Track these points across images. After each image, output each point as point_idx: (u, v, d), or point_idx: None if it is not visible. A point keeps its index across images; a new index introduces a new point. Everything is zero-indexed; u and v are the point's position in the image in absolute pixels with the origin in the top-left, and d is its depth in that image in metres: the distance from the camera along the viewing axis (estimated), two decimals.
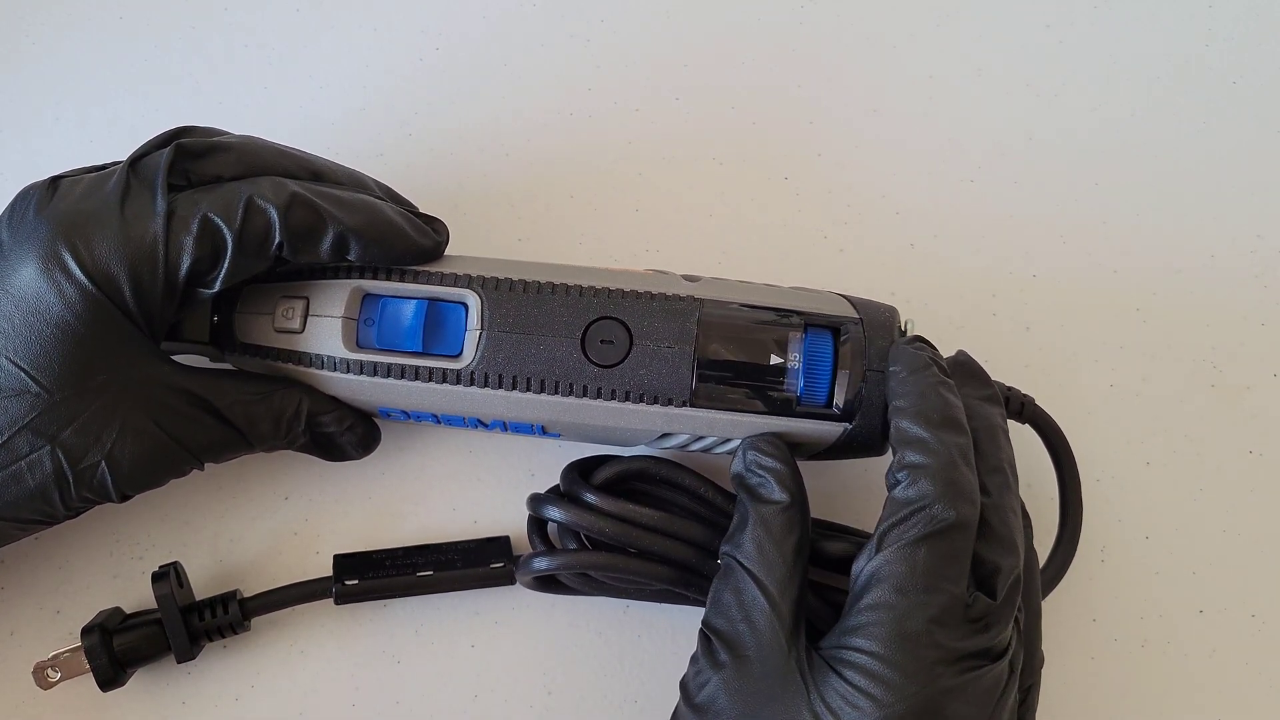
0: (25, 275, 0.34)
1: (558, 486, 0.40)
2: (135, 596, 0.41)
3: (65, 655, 0.38)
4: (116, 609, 0.40)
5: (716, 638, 0.34)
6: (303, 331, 0.37)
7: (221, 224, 0.34)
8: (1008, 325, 0.45)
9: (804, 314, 0.37)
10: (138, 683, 0.40)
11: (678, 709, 0.34)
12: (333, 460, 0.41)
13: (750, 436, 0.36)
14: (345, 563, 0.41)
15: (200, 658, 0.40)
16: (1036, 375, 0.44)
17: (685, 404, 0.36)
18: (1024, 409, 0.39)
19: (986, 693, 0.31)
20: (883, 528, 0.32)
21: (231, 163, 0.36)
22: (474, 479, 0.43)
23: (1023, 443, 0.40)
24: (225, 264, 0.35)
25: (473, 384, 0.37)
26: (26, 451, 0.34)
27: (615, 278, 0.37)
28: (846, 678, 0.31)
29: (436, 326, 0.37)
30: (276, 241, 0.35)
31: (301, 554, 0.42)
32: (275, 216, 0.35)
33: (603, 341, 0.36)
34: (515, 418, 0.37)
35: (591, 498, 0.38)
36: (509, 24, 0.49)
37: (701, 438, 0.37)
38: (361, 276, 0.37)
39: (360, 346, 0.37)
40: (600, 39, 0.49)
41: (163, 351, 0.36)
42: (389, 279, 0.37)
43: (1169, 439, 0.44)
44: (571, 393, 0.36)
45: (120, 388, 0.34)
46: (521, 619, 0.42)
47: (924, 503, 0.32)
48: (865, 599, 0.32)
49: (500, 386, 0.36)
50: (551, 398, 0.36)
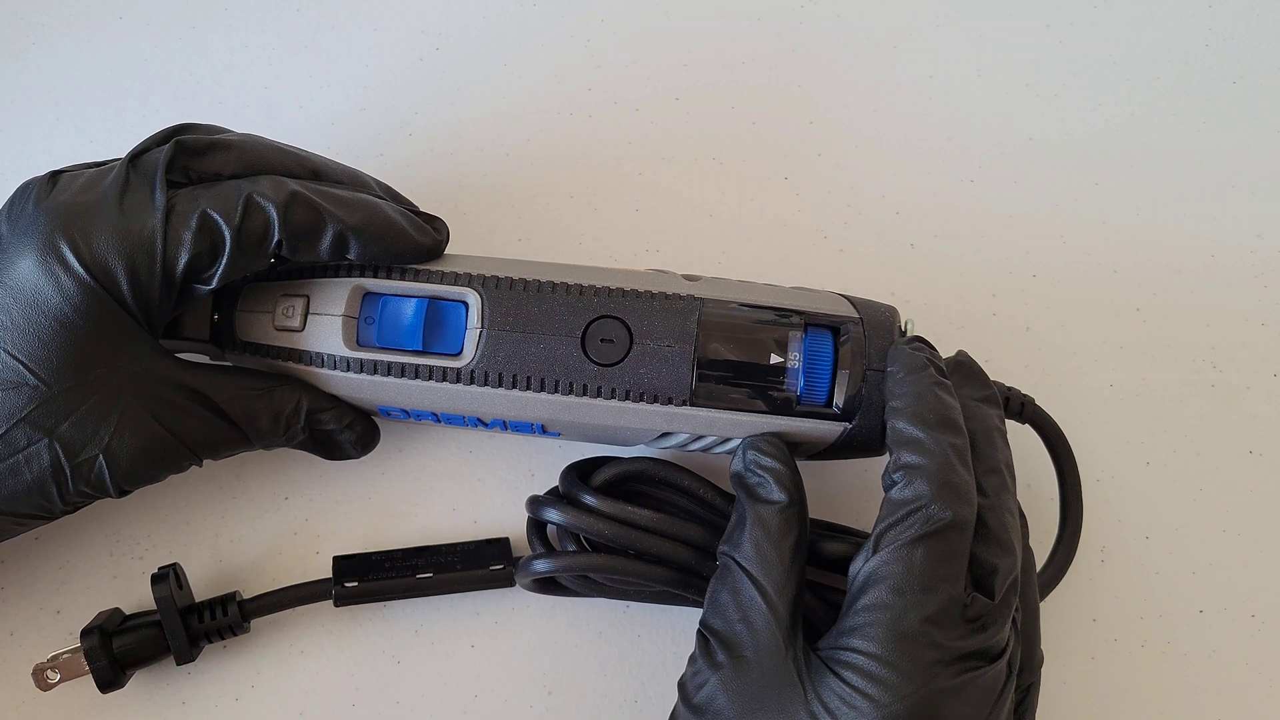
0: (23, 268, 0.34)
1: (557, 488, 0.40)
2: (135, 597, 0.41)
3: (65, 656, 0.38)
4: (116, 610, 0.40)
5: (714, 638, 0.34)
6: (303, 329, 0.37)
7: (220, 221, 0.34)
8: (1008, 325, 0.45)
9: (804, 313, 0.37)
10: (137, 683, 0.40)
11: (676, 709, 0.34)
12: (332, 459, 0.41)
13: (750, 436, 0.36)
14: (345, 564, 0.41)
15: (200, 658, 0.40)
16: (1036, 375, 0.44)
17: (685, 403, 0.36)
18: (1024, 409, 0.39)
19: (984, 693, 0.31)
20: (879, 528, 0.32)
21: (231, 160, 0.36)
22: (474, 479, 0.43)
23: (1023, 443, 0.40)
24: (223, 261, 0.35)
25: (473, 382, 0.36)
26: (24, 444, 0.34)
27: (615, 277, 0.37)
28: (844, 678, 0.31)
29: (437, 325, 0.37)
30: (275, 240, 0.35)
31: (301, 554, 0.42)
32: (274, 215, 0.35)
33: (603, 340, 0.36)
34: (515, 416, 0.37)
35: (590, 499, 0.38)
36: (509, 24, 0.49)
37: (701, 437, 0.37)
38: (362, 275, 0.37)
39: (360, 345, 0.37)
40: (600, 39, 0.49)
41: (162, 346, 0.36)
42: (389, 277, 0.37)
43: (1169, 439, 0.44)
44: (571, 391, 0.36)
45: (118, 382, 0.34)
46: (521, 619, 0.42)
47: (920, 503, 0.32)
48: (862, 600, 0.32)
49: (500, 385, 0.36)
50: (551, 396, 0.36)
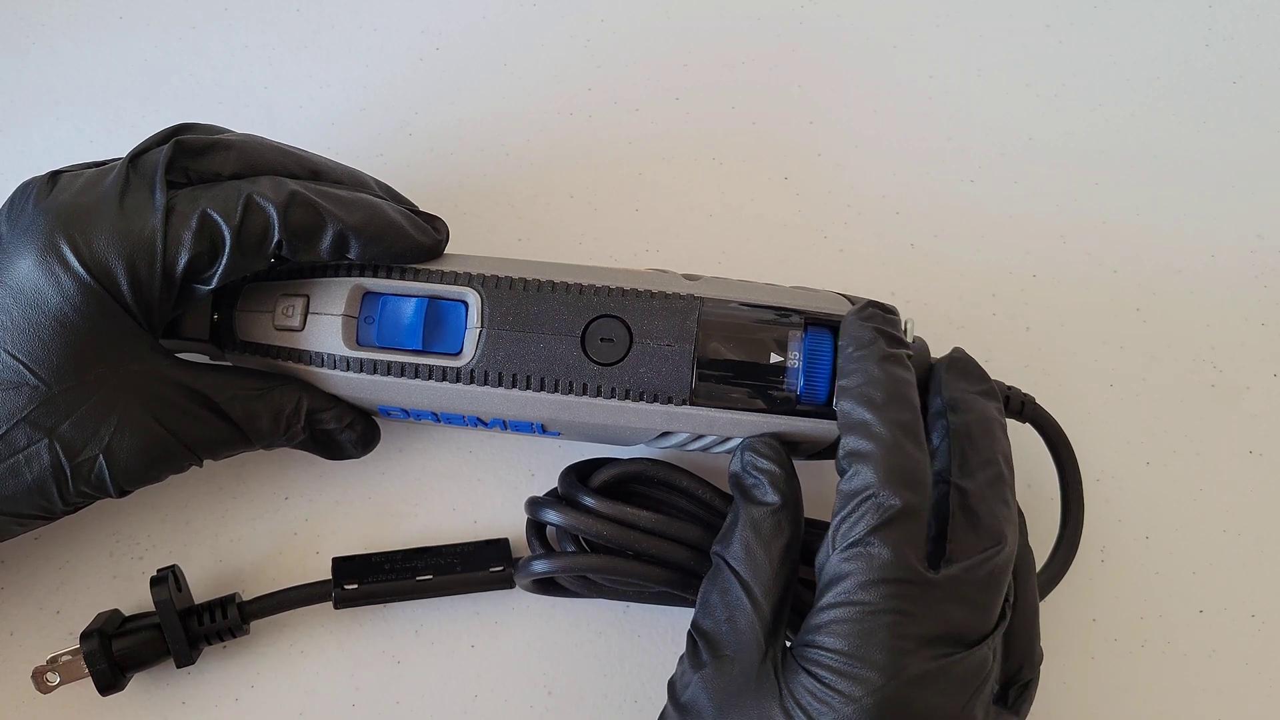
0: (23, 267, 0.34)
1: (556, 490, 0.40)
2: (135, 597, 0.41)
3: (65, 658, 0.38)
4: (115, 612, 0.40)
5: (701, 639, 0.34)
6: (303, 329, 0.37)
7: (220, 221, 0.34)
8: (1008, 325, 0.45)
9: (804, 313, 0.37)
10: (137, 684, 0.40)
11: (665, 709, 0.34)
12: (332, 458, 0.41)
13: (749, 437, 0.36)
14: (344, 566, 0.41)
15: (200, 658, 0.40)
16: (1036, 375, 0.44)
17: (685, 402, 0.36)
18: (1024, 408, 0.39)
19: (961, 680, 0.31)
20: (834, 522, 0.32)
21: (231, 160, 0.36)
22: (474, 479, 0.43)
23: (1023, 443, 0.40)
24: (223, 261, 0.35)
25: (472, 382, 0.36)
26: (24, 444, 0.34)
27: (615, 276, 0.37)
28: (815, 675, 0.31)
29: (436, 324, 0.37)
30: (275, 240, 0.35)
31: (301, 554, 0.42)
32: (274, 215, 0.35)
33: (603, 340, 0.36)
34: (515, 416, 0.37)
35: (589, 501, 0.38)
36: (509, 24, 0.49)
37: (701, 436, 0.37)
38: (362, 274, 0.37)
39: (360, 344, 0.37)
40: (600, 39, 0.49)
41: (161, 346, 0.36)
42: (389, 277, 0.37)
43: (1169, 439, 0.44)
44: (571, 391, 0.36)
45: (118, 381, 0.34)
46: (522, 619, 0.42)
47: (868, 493, 0.31)
48: (825, 597, 0.31)
49: (500, 384, 0.36)
50: (551, 396, 0.36)
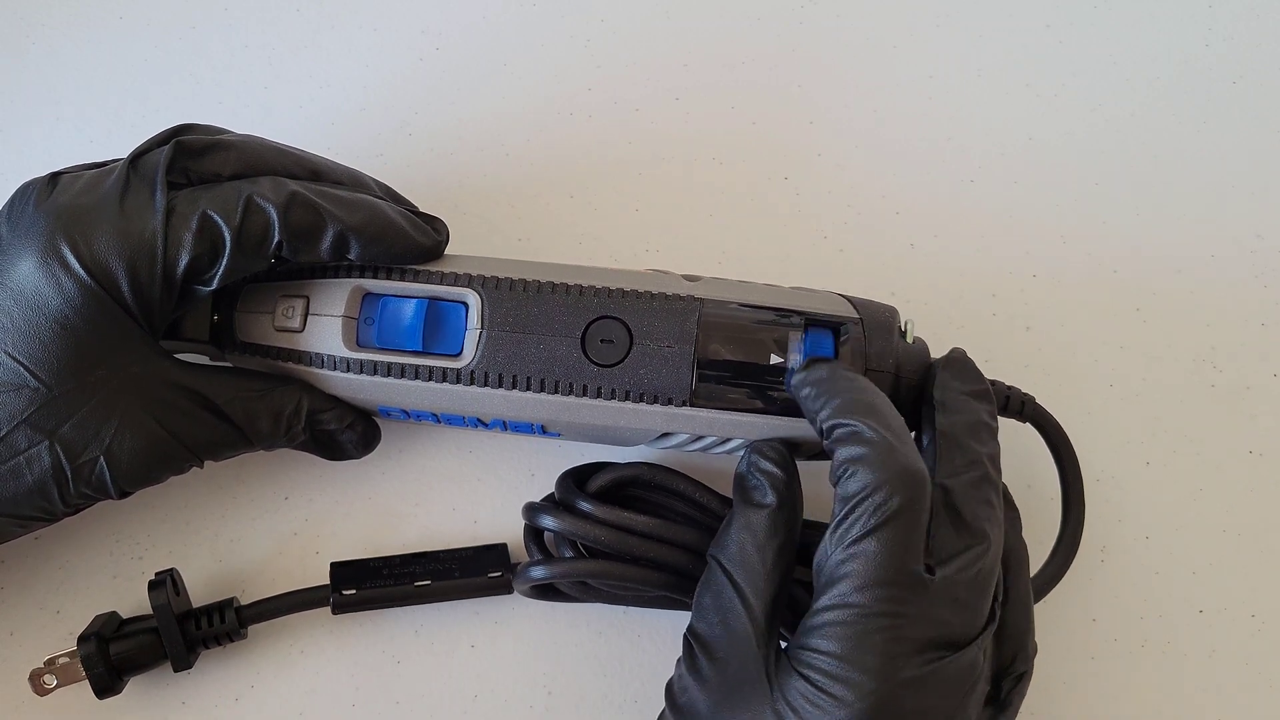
0: (24, 269, 0.34)
1: (553, 495, 0.40)
2: (135, 597, 0.41)
3: (62, 661, 0.38)
4: (113, 614, 0.39)
5: (696, 642, 0.34)
6: (303, 330, 0.37)
7: (221, 222, 0.34)
8: (1008, 325, 0.45)
9: (804, 314, 0.37)
10: (135, 686, 0.40)
11: (662, 712, 0.34)
12: (333, 459, 0.41)
13: (756, 440, 0.36)
14: (342, 571, 0.41)
15: (200, 658, 0.39)
16: (1036, 375, 0.44)
17: (685, 404, 0.36)
18: (1024, 408, 0.39)
19: (952, 682, 0.31)
20: (832, 525, 0.32)
21: (231, 161, 0.36)
22: (474, 479, 0.43)
23: (1023, 443, 0.40)
24: (224, 262, 0.35)
25: (473, 383, 0.36)
26: (25, 446, 0.34)
27: (615, 277, 0.37)
28: (808, 677, 0.31)
29: (437, 325, 0.37)
30: (275, 240, 0.35)
31: (301, 554, 0.42)
32: (275, 216, 0.35)
33: (603, 341, 0.36)
34: (515, 417, 0.37)
35: (586, 506, 0.38)
36: (509, 24, 0.49)
37: (701, 437, 0.37)
38: (362, 275, 0.37)
39: (360, 345, 0.37)
40: (600, 39, 0.49)
41: (162, 348, 0.36)
42: (389, 278, 0.37)
43: (1169, 439, 0.44)
44: (571, 392, 0.36)
45: (119, 383, 0.34)
46: (521, 620, 0.42)
47: (865, 493, 0.31)
48: (822, 599, 0.31)
49: (500, 386, 0.36)
50: (551, 397, 0.36)
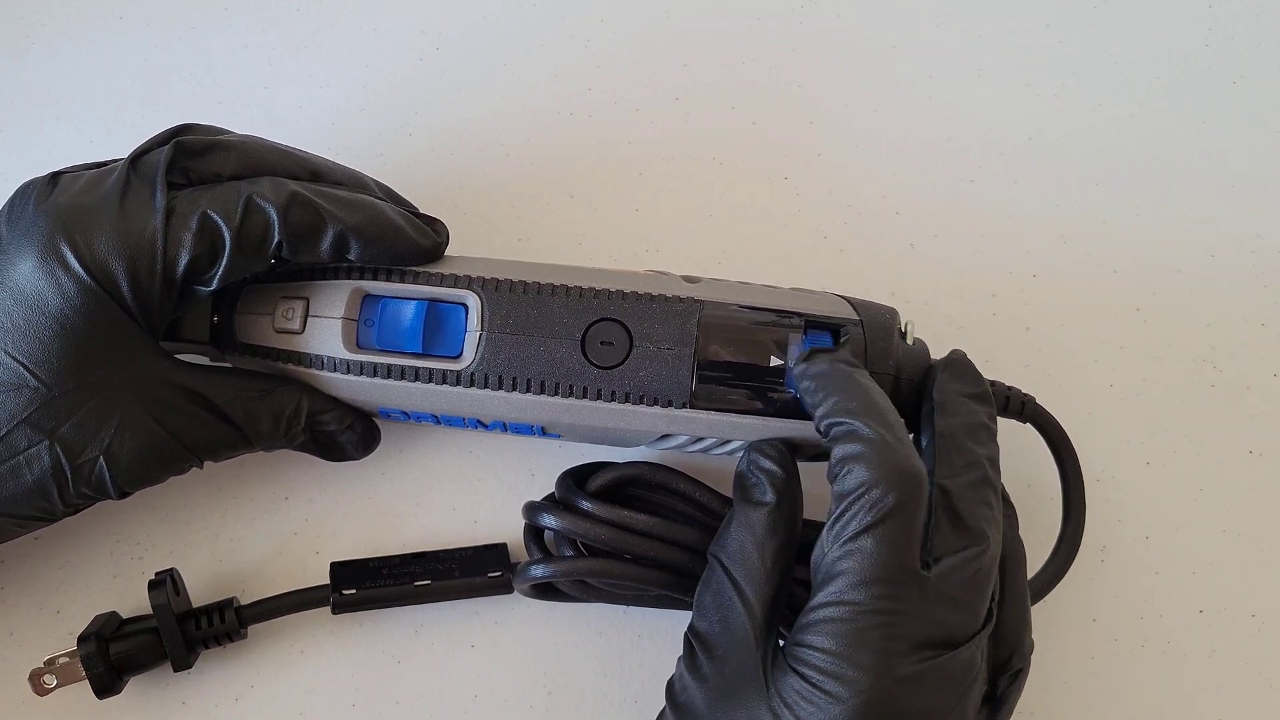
0: (24, 269, 0.34)
1: (553, 494, 0.40)
2: (135, 597, 0.41)
3: (62, 661, 0.38)
4: (113, 614, 0.39)
5: (696, 640, 0.34)
6: (303, 332, 0.37)
7: (221, 222, 0.34)
8: (1008, 325, 0.45)
9: (804, 315, 0.36)
10: (135, 686, 0.40)
11: (663, 710, 0.34)
12: (332, 460, 0.41)
13: (756, 440, 0.36)
14: (342, 571, 0.41)
15: (200, 657, 0.40)
16: (1036, 375, 0.44)
17: (685, 405, 0.36)
18: (1025, 408, 0.39)
19: (948, 681, 0.31)
20: (829, 523, 0.32)
21: (231, 161, 0.36)
22: (474, 480, 0.43)
23: (1024, 442, 0.40)
24: (223, 262, 0.35)
25: (472, 385, 0.36)
26: (25, 446, 0.34)
27: (615, 279, 0.37)
28: (802, 674, 0.31)
29: (436, 327, 0.37)
30: (276, 241, 0.35)
31: (301, 554, 0.42)
32: (275, 216, 0.35)
33: (603, 343, 0.36)
34: (515, 419, 0.37)
35: (587, 505, 0.38)
36: (509, 24, 0.49)
37: (701, 439, 0.37)
38: (362, 277, 0.37)
39: (360, 347, 0.37)
40: (600, 39, 0.49)
41: (162, 348, 0.36)
42: (389, 280, 0.37)
43: (1169, 439, 0.44)
44: (571, 394, 0.36)
45: (119, 383, 0.34)
46: (521, 619, 0.42)
47: (862, 490, 0.31)
48: (818, 596, 0.31)
49: (500, 388, 0.36)
50: (551, 399, 0.36)
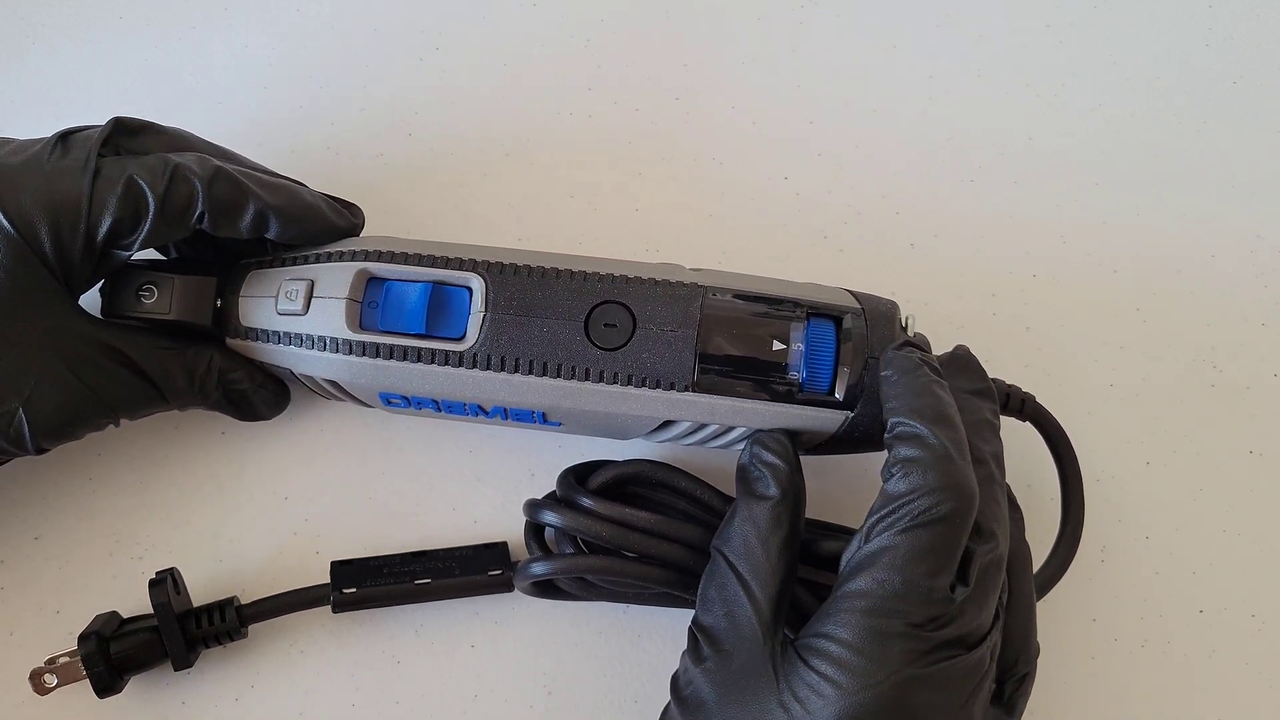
0: None
1: (554, 492, 0.40)
2: (135, 597, 0.41)
3: (62, 660, 0.38)
4: (113, 614, 0.39)
5: (701, 634, 0.34)
6: (305, 314, 0.37)
7: (146, 188, 0.35)
8: (1008, 325, 0.45)
9: (807, 303, 0.37)
10: (135, 685, 0.40)
11: (668, 706, 0.34)
12: (245, 419, 0.41)
13: (759, 432, 0.36)
14: (342, 570, 0.40)
15: (200, 657, 0.39)
16: (1036, 375, 0.44)
17: (688, 389, 0.36)
18: (1024, 406, 0.39)
19: (959, 681, 0.31)
20: (871, 520, 0.32)
21: (162, 145, 0.38)
22: (474, 479, 0.43)
23: (1023, 442, 0.40)
24: (145, 227, 0.36)
25: (475, 366, 0.36)
26: None
27: (620, 265, 0.37)
28: (814, 666, 0.31)
29: (440, 309, 0.37)
30: (199, 211, 0.36)
31: (301, 554, 0.42)
32: (200, 187, 0.36)
33: (606, 325, 0.36)
34: (516, 403, 0.37)
35: (587, 502, 0.38)
36: (509, 24, 0.49)
37: (702, 426, 0.37)
38: (366, 259, 0.37)
39: (363, 328, 0.37)
40: (600, 39, 0.49)
41: (80, 306, 0.37)
42: (394, 262, 0.37)
43: (1169, 439, 0.44)
44: (574, 376, 0.36)
45: (38, 337, 0.35)
46: (522, 619, 0.41)
47: (914, 495, 0.31)
48: (843, 588, 0.31)
49: (503, 369, 0.36)
50: (554, 381, 0.36)
